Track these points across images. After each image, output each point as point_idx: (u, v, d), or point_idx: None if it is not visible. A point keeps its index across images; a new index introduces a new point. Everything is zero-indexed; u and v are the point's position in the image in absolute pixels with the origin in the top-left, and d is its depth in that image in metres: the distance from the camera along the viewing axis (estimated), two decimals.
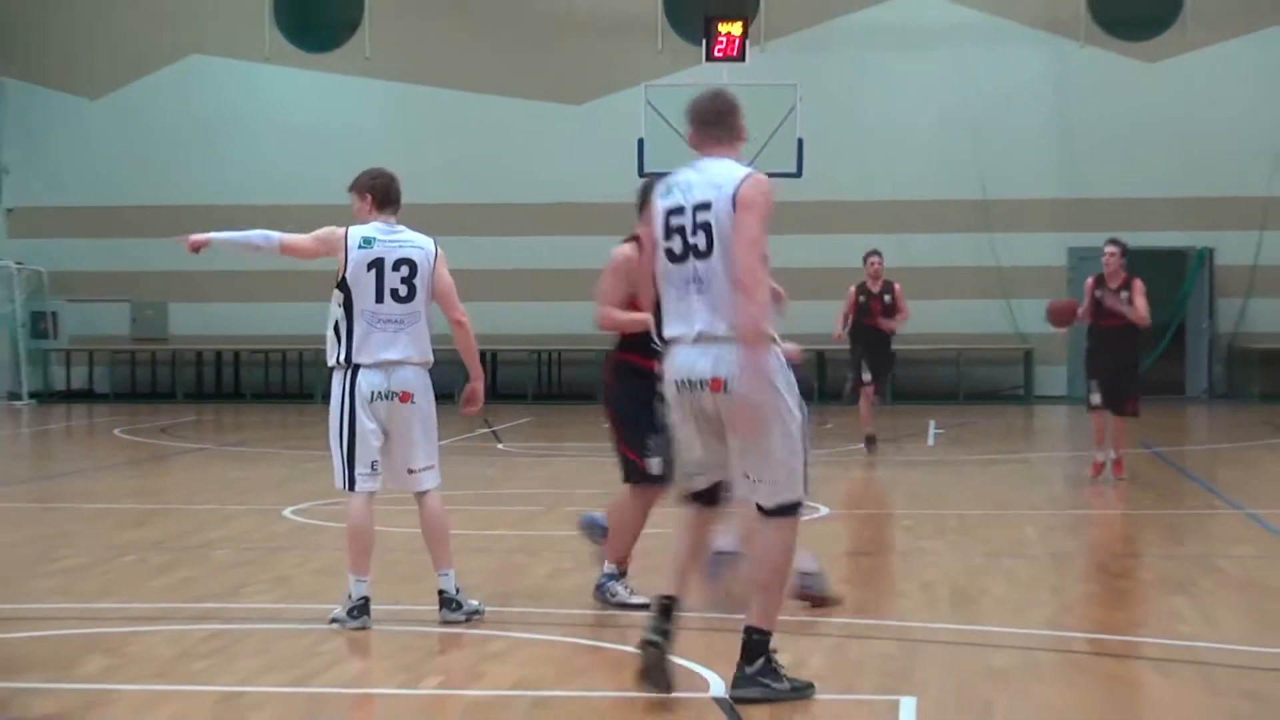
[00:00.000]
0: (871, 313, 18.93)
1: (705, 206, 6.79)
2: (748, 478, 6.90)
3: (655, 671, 6.78)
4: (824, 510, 14.30)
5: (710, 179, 6.89)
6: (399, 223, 8.94)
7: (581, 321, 14.18)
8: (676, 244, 6.88)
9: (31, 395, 30.11)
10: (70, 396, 31.37)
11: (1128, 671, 8.00)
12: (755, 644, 6.84)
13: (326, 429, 8.84)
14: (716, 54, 26.88)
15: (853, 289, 18.85)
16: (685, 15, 29.71)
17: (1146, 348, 19.17)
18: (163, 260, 30.61)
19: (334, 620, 8.68)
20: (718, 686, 7.54)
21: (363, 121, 29.76)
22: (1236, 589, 10.38)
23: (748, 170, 6.98)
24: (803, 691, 6.95)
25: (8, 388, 30.44)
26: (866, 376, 18.86)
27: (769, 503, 6.90)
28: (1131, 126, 29.34)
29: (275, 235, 9.18)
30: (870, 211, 29.06)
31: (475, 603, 9.01)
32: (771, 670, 6.84)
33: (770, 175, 23.30)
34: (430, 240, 8.98)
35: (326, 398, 8.54)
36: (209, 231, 9.31)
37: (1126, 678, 7.88)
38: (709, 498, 7.17)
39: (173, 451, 21.22)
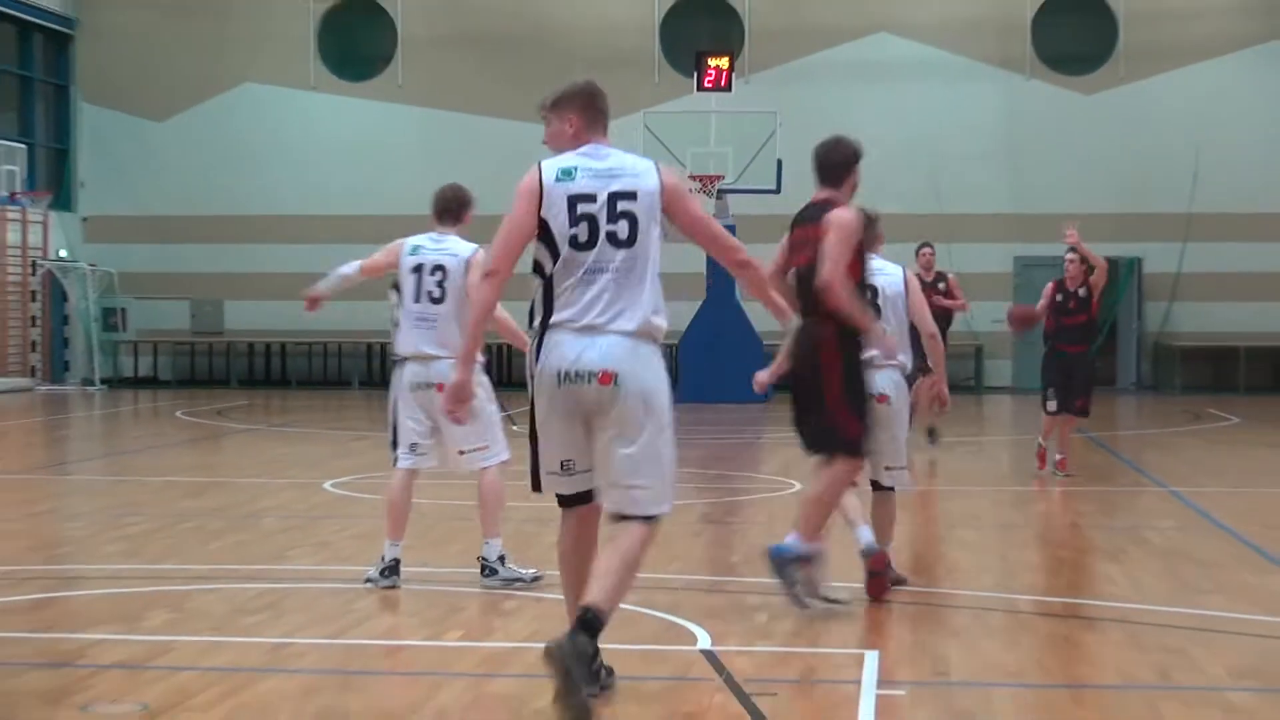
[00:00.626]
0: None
1: (629, 195, 5.94)
2: (630, 487, 5.88)
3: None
4: (797, 485, 14.31)
5: (627, 167, 6.05)
6: (460, 233, 8.92)
7: None
8: (582, 230, 5.89)
9: (103, 381, 30.07)
10: (137, 383, 31.36)
11: (1066, 630, 8.02)
12: (598, 622, 5.77)
13: None
14: (706, 85, 26.90)
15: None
16: (679, 51, 29.74)
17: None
18: (219, 263, 30.76)
19: (368, 580, 8.69)
20: (704, 640, 7.56)
21: (394, 142, 29.73)
22: (1160, 557, 10.41)
23: (649, 161, 6.22)
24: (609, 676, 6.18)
25: (82, 375, 30.42)
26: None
27: (648, 511, 5.93)
28: (1071, 150, 29.36)
29: (355, 264, 9.22)
30: None
31: (521, 570, 8.94)
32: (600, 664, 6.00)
33: (753, 191, 23.29)
34: (470, 248, 8.69)
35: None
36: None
37: (1065, 635, 7.90)
38: (582, 499, 6.11)
39: (227, 432, 21.21)
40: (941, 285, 16.88)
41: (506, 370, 24.94)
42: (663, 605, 8.35)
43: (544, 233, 5.93)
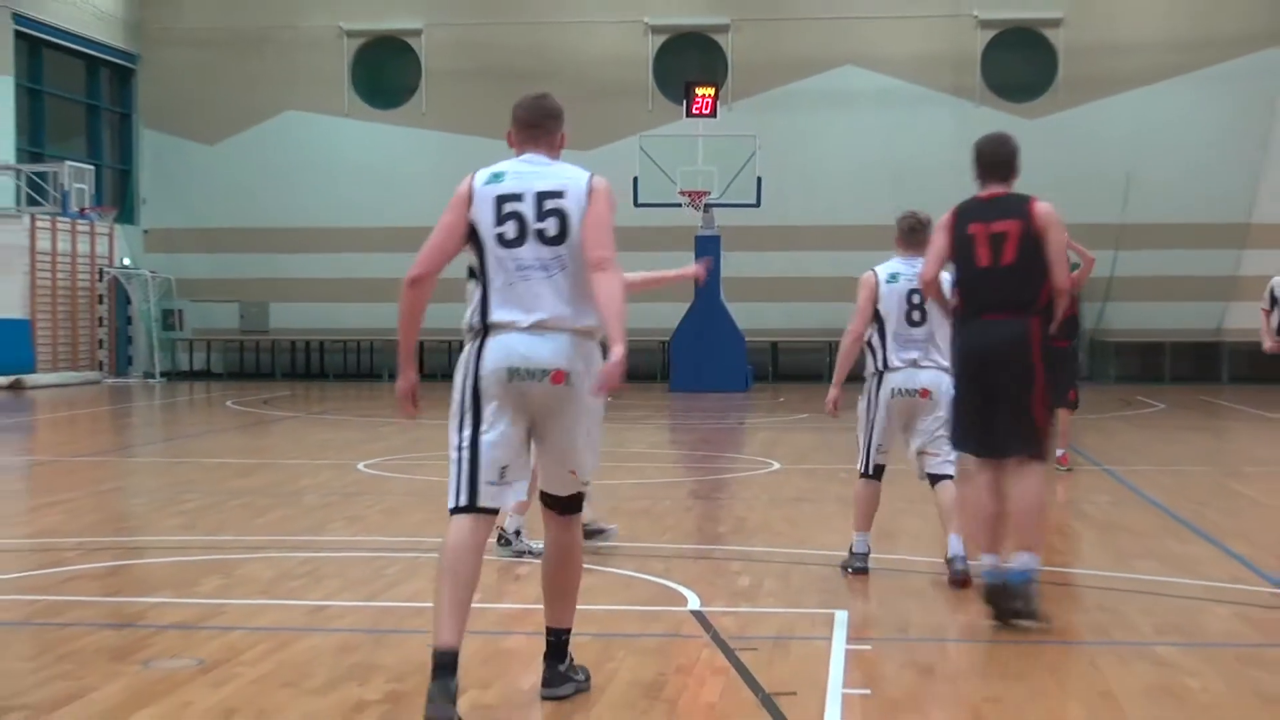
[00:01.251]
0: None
1: (557, 194, 5.34)
2: (573, 473, 5.39)
3: None
4: (776, 465, 14.33)
5: (556, 173, 5.45)
6: None
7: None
8: (510, 228, 5.29)
9: (162, 374, 30.11)
10: (192, 376, 31.37)
11: None
12: (562, 644, 5.58)
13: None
14: (694, 111, 26.89)
15: None
16: (670, 81, 29.74)
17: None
18: (265, 269, 30.76)
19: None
20: (694, 601, 7.56)
21: (417, 163, 29.68)
22: (1097, 528, 10.44)
23: (584, 171, 5.53)
24: (586, 680, 5.69)
25: (144, 369, 30.45)
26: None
27: (570, 491, 5.44)
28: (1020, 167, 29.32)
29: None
30: (812, 233, 29.04)
31: (532, 544, 8.66)
32: (572, 664, 5.65)
33: (734, 205, 23.12)
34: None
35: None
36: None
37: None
38: (494, 511, 5.41)
39: (271, 419, 21.20)
40: None
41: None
42: (656, 571, 8.37)
43: (473, 235, 5.36)
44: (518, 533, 8.79)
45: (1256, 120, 29.03)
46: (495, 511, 5.40)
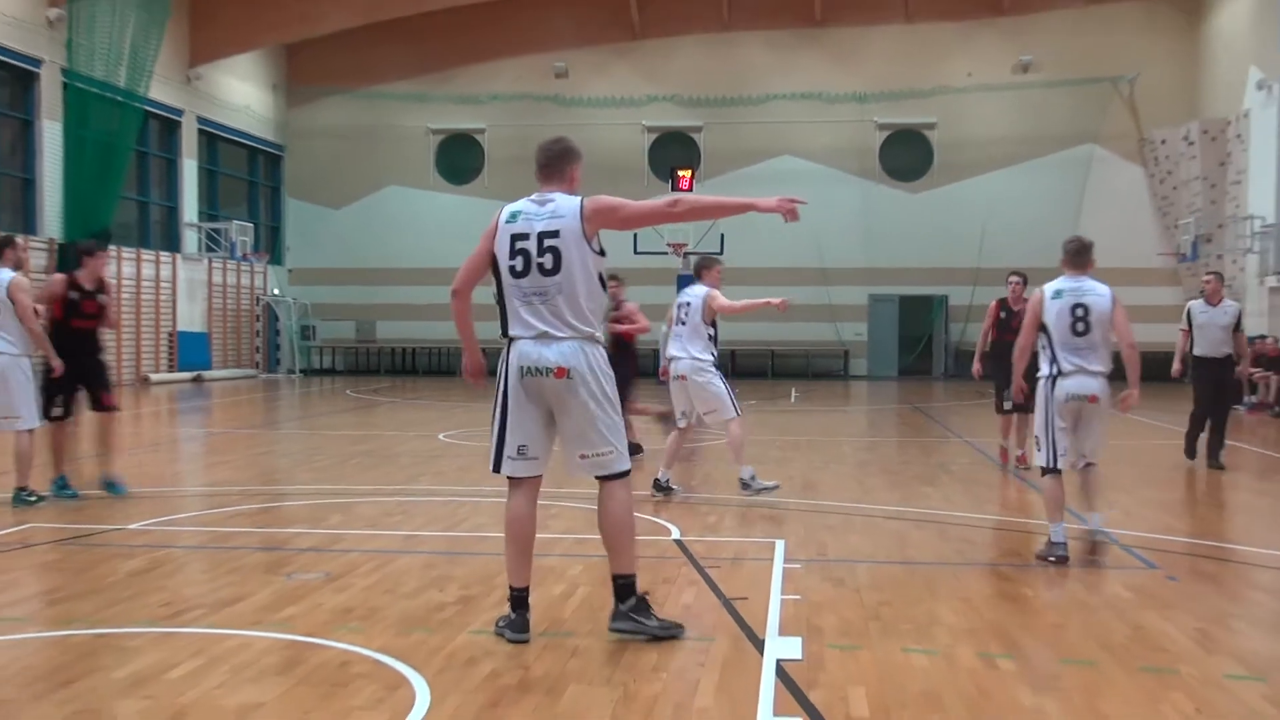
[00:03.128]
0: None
1: (553, 234, 4.94)
2: (584, 457, 4.98)
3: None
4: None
5: (554, 210, 5.00)
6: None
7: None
8: (518, 261, 4.96)
9: (300, 371, 30.12)
10: (321, 372, 31.31)
11: (899, 528, 8.01)
12: (624, 587, 5.07)
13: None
14: (677, 187, 26.87)
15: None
16: (659, 166, 29.70)
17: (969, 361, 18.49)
18: (372, 297, 30.78)
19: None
20: (676, 533, 7.56)
21: (480, 222, 29.07)
22: (959, 481, 10.41)
23: (579, 197, 5.08)
24: (670, 630, 5.04)
25: (287, 367, 30.42)
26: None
27: (608, 471, 5.01)
28: (903, 228, 29.36)
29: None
30: (762, 274, 28.97)
31: (767, 483, 8.83)
32: (644, 608, 5.06)
33: (705, 253, 22.81)
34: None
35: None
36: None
37: (900, 531, 7.89)
38: (529, 477, 5.07)
39: (377, 403, 21.20)
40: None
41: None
42: (648, 511, 8.38)
43: (494, 264, 5.06)
44: (753, 476, 8.62)
45: (1072, 193, 29.05)
46: (534, 480, 5.09)
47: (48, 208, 22.23)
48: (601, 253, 5.02)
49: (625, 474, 5.08)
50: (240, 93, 29.64)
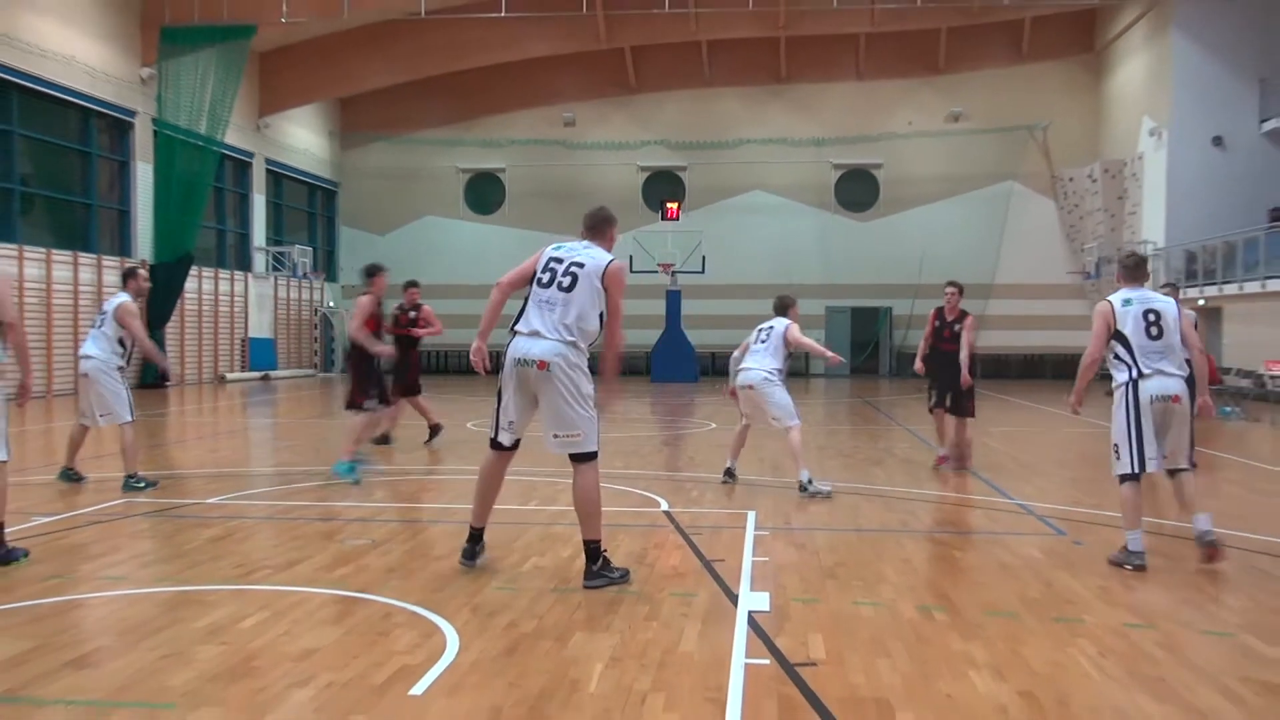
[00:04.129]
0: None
1: (580, 265, 5.17)
2: (555, 436, 5.12)
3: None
4: (713, 425, 14.32)
5: (589, 253, 5.22)
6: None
7: None
8: (546, 276, 5.19)
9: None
10: None
11: (854, 501, 7.97)
12: (593, 551, 5.22)
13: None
14: (666, 217, 26.96)
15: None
16: (652, 199, 29.75)
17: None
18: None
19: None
20: (664, 505, 7.55)
21: (502, 247, 29.48)
22: (900, 462, 10.39)
23: (613, 256, 5.32)
24: (625, 576, 5.24)
25: (340, 368, 30.27)
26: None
27: (576, 450, 5.13)
28: (854, 251, 29.35)
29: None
30: (736, 290, 29.02)
31: (823, 485, 8.08)
32: (608, 564, 5.23)
33: (688, 272, 22.65)
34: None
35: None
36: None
37: (854, 504, 7.86)
38: (510, 448, 5.33)
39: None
40: (957, 326, 9.71)
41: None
42: (641, 486, 8.36)
43: (532, 275, 5.25)
44: (810, 480, 8.08)
45: (996, 222, 29.06)
46: (511, 448, 5.31)
47: (140, 234, 22.26)
48: (606, 300, 5.19)
49: (593, 456, 5.18)
50: (301, 138, 29.59)
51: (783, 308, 8.93)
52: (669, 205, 27.26)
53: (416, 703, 3.62)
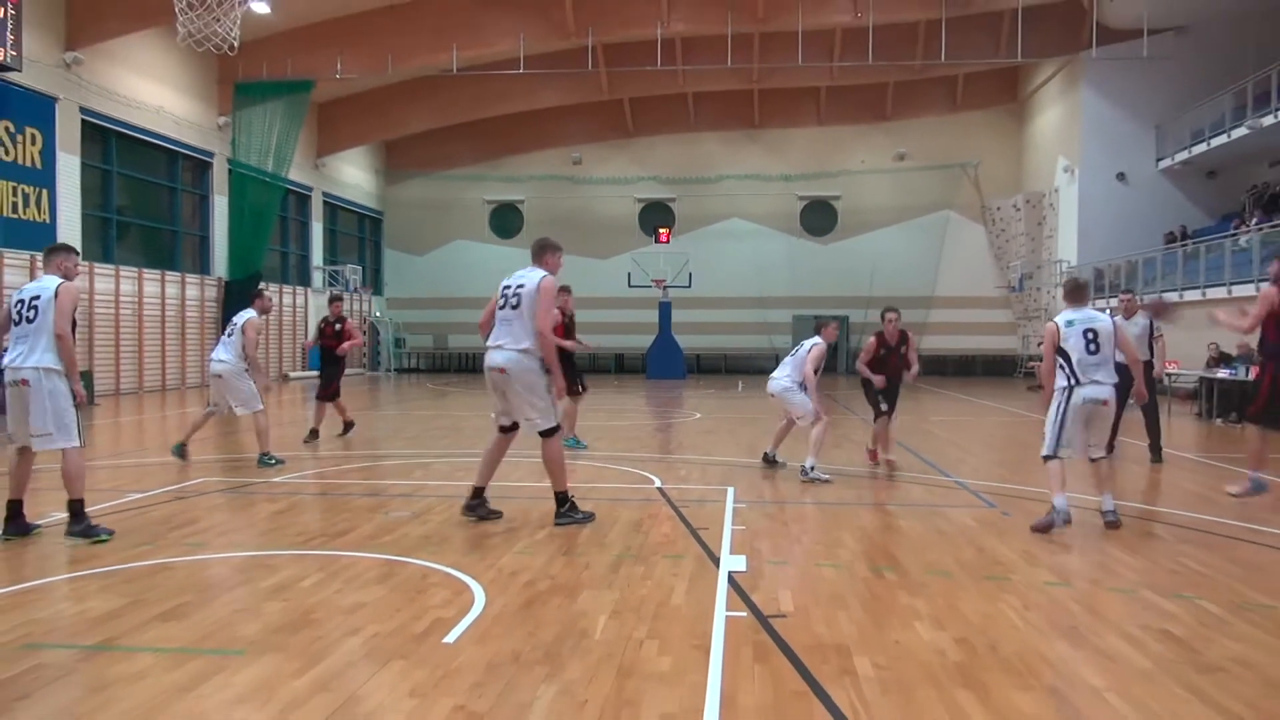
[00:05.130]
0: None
1: (522, 286, 5.68)
2: (527, 420, 5.70)
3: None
4: (698, 415, 14.29)
5: (530, 275, 5.71)
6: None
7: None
8: (502, 300, 5.74)
9: (395, 370, 29.93)
10: (409, 371, 31.06)
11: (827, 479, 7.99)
12: (560, 497, 5.77)
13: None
14: (659, 240, 26.89)
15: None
16: (646, 225, 29.66)
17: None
18: (445, 318, 30.53)
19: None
20: (657, 482, 7.52)
21: (520, 267, 29.32)
22: (858, 448, 10.35)
23: (545, 274, 5.72)
24: (589, 517, 5.80)
25: (385, 368, 30.25)
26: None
27: (539, 429, 5.69)
28: (816, 268, 29.24)
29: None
30: (718, 302, 28.97)
31: (824, 475, 7.62)
32: (574, 508, 5.78)
33: (678, 287, 22.47)
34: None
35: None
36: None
37: (814, 482, 7.87)
38: (509, 429, 5.89)
39: (449, 393, 21.07)
40: (903, 349, 8.56)
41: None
42: (636, 465, 8.34)
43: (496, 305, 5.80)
44: (813, 467, 7.62)
45: (935, 245, 29.04)
46: (510, 429, 5.82)
47: (217, 256, 22.32)
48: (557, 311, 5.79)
49: (553, 431, 5.69)
50: (353, 175, 29.51)
51: (817, 328, 8.53)
52: (661, 231, 27.23)
53: (449, 649, 3.61)
